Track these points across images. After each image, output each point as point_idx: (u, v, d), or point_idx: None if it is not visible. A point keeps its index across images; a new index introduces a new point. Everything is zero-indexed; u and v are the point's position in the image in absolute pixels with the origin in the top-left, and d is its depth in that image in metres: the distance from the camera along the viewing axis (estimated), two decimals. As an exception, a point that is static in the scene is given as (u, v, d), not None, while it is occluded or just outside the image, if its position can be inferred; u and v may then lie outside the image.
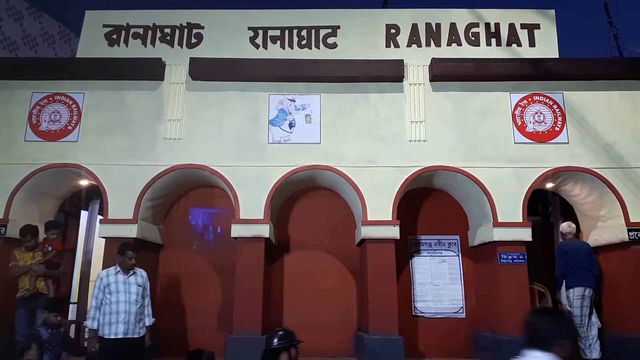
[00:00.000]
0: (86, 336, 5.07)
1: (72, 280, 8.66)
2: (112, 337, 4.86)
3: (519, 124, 7.12)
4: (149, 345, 5.30)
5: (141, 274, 5.29)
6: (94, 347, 4.88)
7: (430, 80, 7.27)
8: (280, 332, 3.76)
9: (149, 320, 5.26)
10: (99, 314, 4.95)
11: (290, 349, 3.63)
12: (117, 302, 4.95)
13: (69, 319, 8.12)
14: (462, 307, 7.49)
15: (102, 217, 6.98)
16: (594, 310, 6.76)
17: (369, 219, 6.81)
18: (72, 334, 7.88)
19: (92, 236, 8.58)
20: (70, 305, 8.55)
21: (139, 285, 5.18)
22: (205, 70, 7.21)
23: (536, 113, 7.17)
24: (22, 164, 6.87)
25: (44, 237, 6.68)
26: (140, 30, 7.69)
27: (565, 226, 7.21)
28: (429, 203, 7.96)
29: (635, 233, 6.62)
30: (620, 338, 6.66)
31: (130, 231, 6.68)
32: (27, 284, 6.22)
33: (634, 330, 6.44)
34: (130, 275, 5.15)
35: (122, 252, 5.18)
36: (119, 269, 5.15)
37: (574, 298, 6.69)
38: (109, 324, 4.90)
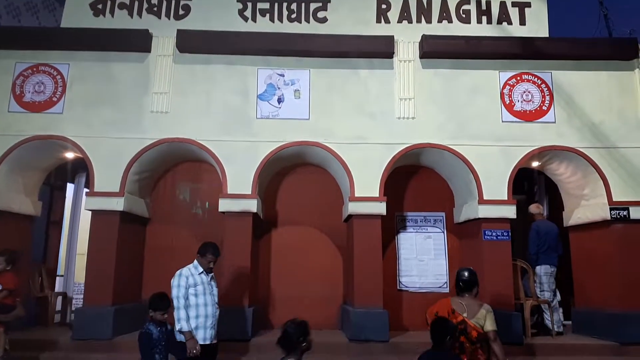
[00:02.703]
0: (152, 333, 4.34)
1: (58, 254, 8.67)
2: (200, 343, 4.41)
3: (507, 103, 7.15)
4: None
5: (213, 275, 4.84)
6: (195, 349, 4.34)
7: (420, 57, 7.24)
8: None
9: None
10: (187, 314, 4.48)
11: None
12: (204, 304, 4.52)
13: (56, 291, 8.15)
14: (446, 282, 7.63)
15: (88, 190, 6.92)
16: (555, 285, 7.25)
17: (356, 195, 6.85)
18: (58, 306, 7.94)
19: (79, 209, 8.56)
20: (57, 278, 8.57)
21: (217, 287, 4.82)
22: (193, 43, 7.10)
23: (524, 92, 7.20)
24: (6, 135, 6.76)
25: None
26: (127, 0, 7.52)
27: (534, 207, 7.63)
28: (416, 180, 8.02)
29: (618, 212, 6.75)
30: (589, 312, 7.07)
31: (117, 204, 6.66)
32: None
33: (606, 305, 6.75)
34: (211, 278, 4.74)
35: (202, 253, 4.72)
36: (200, 269, 4.67)
37: (543, 274, 7.15)
38: (203, 328, 4.49)
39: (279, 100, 7.11)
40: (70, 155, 7.29)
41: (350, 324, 6.57)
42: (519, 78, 7.25)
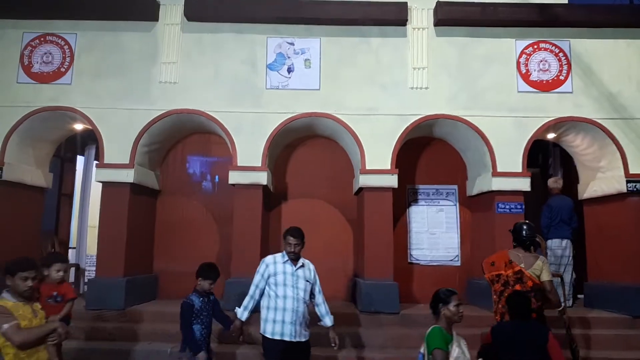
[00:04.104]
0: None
1: (70, 226, 8.74)
2: (277, 338, 3.99)
3: (523, 72, 6.96)
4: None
5: (309, 267, 4.31)
6: (240, 338, 4.21)
7: (435, 25, 7.03)
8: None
9: (330, 320, 4.30)
10: (252, 305, 4.17)
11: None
12: (283, 297, 4.05)
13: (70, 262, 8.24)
14: (458, 255, 7.58)
15: (98, 162, 6.90)
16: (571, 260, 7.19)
17: (367, 167, 6.77)
18: (71, 277, 8.03)
19: (89, 181, 8.58)
20: (70, 250, 8.66)
21: (307, 281, 4.20)
22: (201, 11, 6.94)
23: (541, 61, 6.99)
24: (16, 107, 6.72)
25: (39, 276, 3.95)
26: (133, -32, 7.35)
27: (552, 181, 7.57)
28: (428, 152, 7.90)
29: (634, 184, 6.62)
30: (602, 285, 6.98)
31: (127, 176, 6.64)
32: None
33: (620, 278, 6.69)
34: (299, 268, 4.19)
35: (284, 236, 4.25)
36: (286, 257, 4.19)
37: (554, 248, 7.12)
38: (272, 322, 4.04)
39: (289, 70, 6.97)
40: (79, 126, 7.25)
41: (361, 296, 6.57)
42: (536, 47, 7.04)
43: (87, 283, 7.63)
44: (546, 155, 8.87)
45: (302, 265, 4.22)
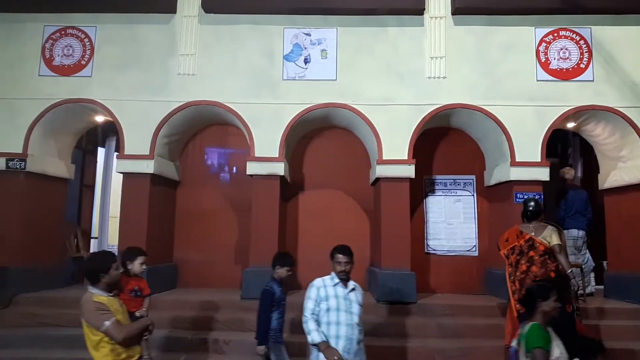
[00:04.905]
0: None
1: (92, 216, 8.91)
2: None
3: (543, 61, 6.87)
4: None
5: (359, 290, 3.92)
6: (335, 357, 3.48)
7: (452, 14, 6.96)
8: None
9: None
10: (315, 324, 3.67)
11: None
12: (336, 323, 3.67)
13: (91, 251, 8.42)
14: (475, 245, 7.56)
15: (118, 154, 7.02)
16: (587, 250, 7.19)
17: (384, 158, 6.77)
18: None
19: (110, 173, 8.72)
20: (92, 240, 8.84)
21: (360, 305, 3.84)
22: (218, 2, 6.97)
23: (561, 49, 6.89)
24: (38, 99, 6.85)
25: (121, 269, 3.83)
26: (151, -40, 7.41)
27: (566, 171, 7.49)
28: (446, 142, 7.86)
29: (657, 174, 6.51)
30: (622, 276, 6.89)
31: (147, 167, 6.75)
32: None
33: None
34: (351, 291, 3.81)
35: (332, 256, 3.86)
36: (336, 279, 3.79)
37: (568, 238, 7.01)
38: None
39: (306, 61, 6.98)
40: (100, 118, 7.37)
41: (377, 285, 6.60)
42: (555, 34, 6.93)
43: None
44: (565, 145, 8.75)
45: (354, 289, 3.84)
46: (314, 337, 3.59)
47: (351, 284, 3.83)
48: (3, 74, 6.94)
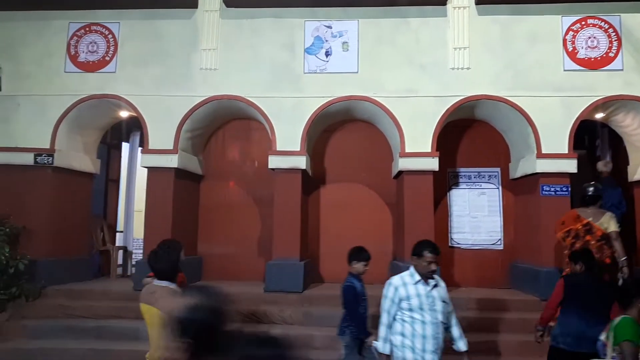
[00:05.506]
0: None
1: (117, 210, 9.05)
2: None
3: (570, 50, 6.70)
4: None
5: (442, 285, 3.68)
6: None
7: (476, 4, 6.84)
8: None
9: (464, 344, 3.66)
10: (386, 333, 3.55)
11: None
12: (422, 322, 3.46)
13: (117, 245, 8.57)
14: (500, 239, 7.45)
15: (142, 148, 7.11)
16: None
17: (407, 150, 6.71)
18: (119, 260, 8.35)
19: (135, 167, 8.84)
20: (117, 234, 8.98)
21: (444, 302, 3.59)
22: (240, -4, 6.99)
23: (589, 38, 6.71)
24: (64, 95, 6.97)
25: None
26: (172, -44, 7.44)
27: (602, 165, 7.23)
28: (470, 135, 7.75)
29: (690, 165, 6.31)
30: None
31: (171, 161, 6.82)
32: None
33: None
34: (433, 288, 3.54)
35: (418, 253, 3.55)
36: (417, 276, 3.53)
37: None
38: (411, 350, 3.44)
39: (327, 54, 6.94)
40: (124, 114, 7.47)
41: (401, 278, 6.54)
42: (583, 23, 6.75)
43: (134, 265, 7.92)
44: (593, 137, 8.54)
45: (436, 285, 3.57)
46: (379, 345, 3.57)
47: (432, 280, 3.55)
48: (30, 70, 7.08)
